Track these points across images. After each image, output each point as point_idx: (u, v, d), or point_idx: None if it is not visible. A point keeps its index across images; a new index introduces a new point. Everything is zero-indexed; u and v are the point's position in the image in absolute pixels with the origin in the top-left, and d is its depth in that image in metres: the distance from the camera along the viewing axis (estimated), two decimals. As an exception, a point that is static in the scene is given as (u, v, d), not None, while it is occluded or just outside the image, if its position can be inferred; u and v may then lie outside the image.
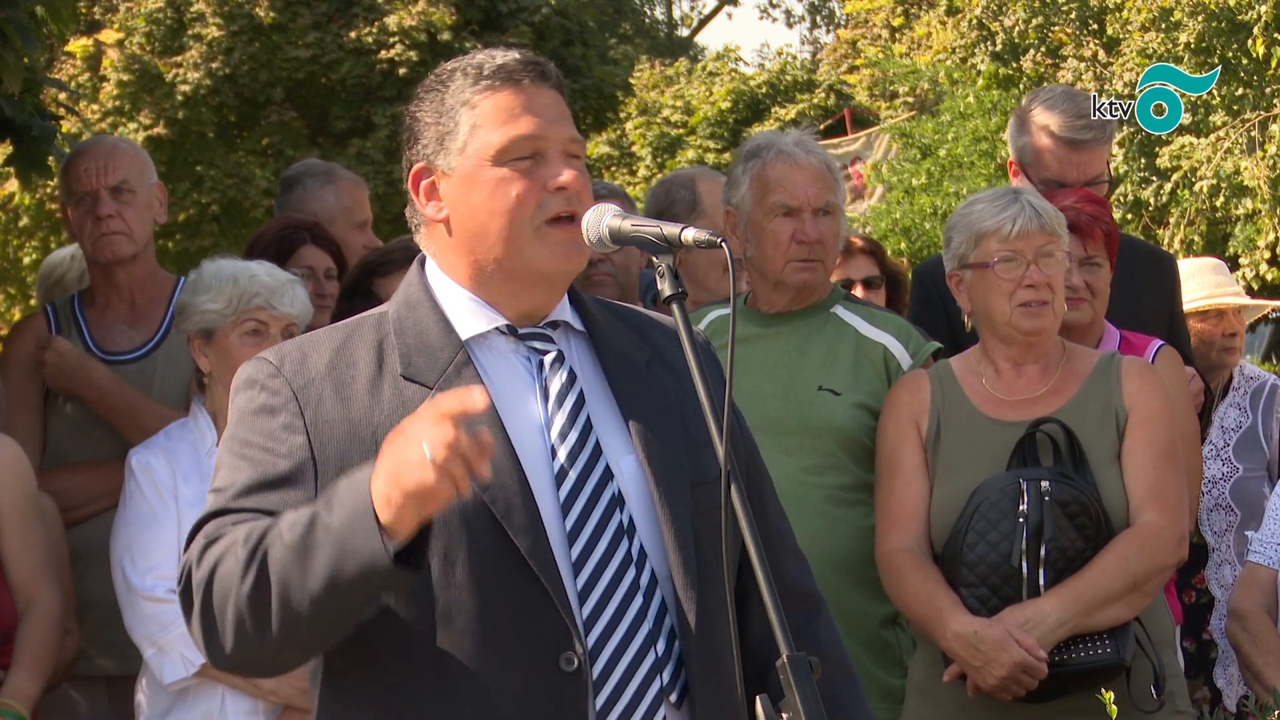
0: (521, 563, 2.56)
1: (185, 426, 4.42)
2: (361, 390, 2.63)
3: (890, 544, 4.12)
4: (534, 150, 2.67)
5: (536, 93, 2.70)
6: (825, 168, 4.43)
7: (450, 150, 2.69)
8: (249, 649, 2.51)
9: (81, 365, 4.83)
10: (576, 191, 2.66)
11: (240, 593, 2.46)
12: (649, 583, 2.63)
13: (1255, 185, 13.29)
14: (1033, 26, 15.14)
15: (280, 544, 2.44)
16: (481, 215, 2.67)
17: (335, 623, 2.49)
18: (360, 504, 2.39)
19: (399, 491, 2.34)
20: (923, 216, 15.84)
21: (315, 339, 2.72)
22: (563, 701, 2.56)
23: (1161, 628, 4.15)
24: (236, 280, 4.33)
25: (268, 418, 2.63)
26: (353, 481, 2.43)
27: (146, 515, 4.30)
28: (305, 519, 2.44)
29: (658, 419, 2.72)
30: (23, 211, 22.15)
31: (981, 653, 3.92)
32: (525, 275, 2.68)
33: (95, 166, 4.91)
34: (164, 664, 4.22)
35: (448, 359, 2.66)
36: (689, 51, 34.34)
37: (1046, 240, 4.12)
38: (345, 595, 2.43)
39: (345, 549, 2.39)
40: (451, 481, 2.32)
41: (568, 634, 2.56)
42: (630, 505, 2.66)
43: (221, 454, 2.66)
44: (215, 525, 2.57)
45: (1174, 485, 4.04)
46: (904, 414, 4.21)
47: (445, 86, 2.72)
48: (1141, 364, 4.20)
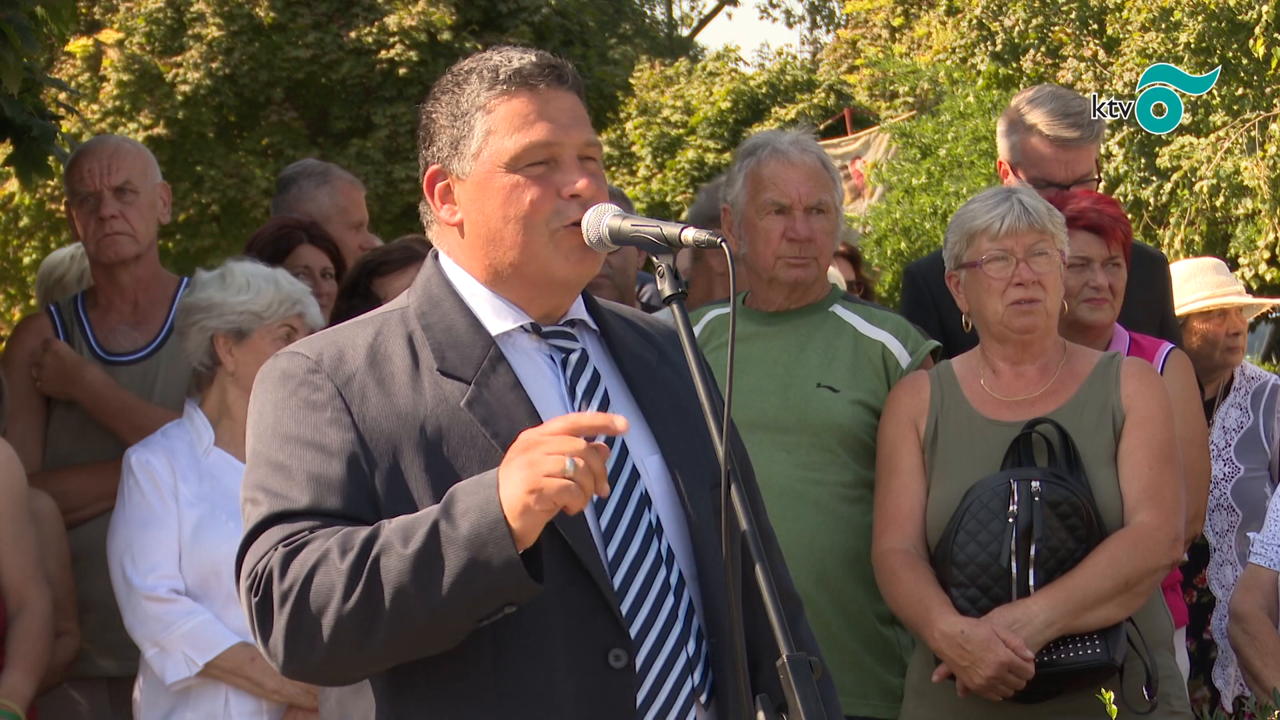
0: (571, 559, 2.56)
1: (181, 426, 4.41)
2: (403, 385, 2.63)
3: (885, 544, 4.13)
4: (548, 156, 2.66)
5: (552, 97, 2.69)
6: (821, 166, 4.44)
7: (464, 155, 2.69)
8: (339, 659, 2.48)
9: (78, 369, 4.82)
10: (591, 197, 2.66)
11: (346, 605, 2.43)
12: (678, 582, 2.65)
13: (1255, 185, 13.28)
14: (1033, 26, 15.13)
15: (394, 554, 2.42)
16: (496, 222, 2.68)
17: (450, 634, 2.48)
18: (490, 514, 2.38)
19: (538, 501, 2.35)
20: (923, 216, 15.83)
21: (346, 334, 2.71)
22: (611, 698, 2.57)
23: (1158, 628, 4.15)
24: (278, 285, 4.34)
25: (311, 413, 2.60)
26: (469, 492, 2.43)
27: (146, 514, 4.29)
28: (424, 530, 2.42)
29: (675, 419, 2.74)
30: (23, 211, 22.14)
31: (968, 652, 3.92)
32: (541, 280, 2.69)
33: (99, 166, 4.90)
34: (166, 664, 4.21)
35: (480, 354, 2.66)
36: (689, 51, 34.33)
37: (1037, 239, 4.11)
38: (472, 606, 2.42)
39: (476, 559, 2.38)
40: (584, 495, 2.35)
41: (617, 630, 2.57)
42: (657, 505, 2.67)
43: (262, 451, 2.61)
44: (285, 531, 2.52)
45: (1170, 486, 4.03)
46: (903, 415, 4.22)
47: (461, 89, 2.71)
48: (1141, 365, 4.19)
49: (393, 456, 2.58)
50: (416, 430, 2.59)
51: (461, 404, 2.61)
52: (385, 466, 2.57)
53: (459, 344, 2.67)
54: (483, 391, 2.62)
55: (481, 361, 2.65)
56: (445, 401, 2.61)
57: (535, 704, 2.55)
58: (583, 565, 2.56)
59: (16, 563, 4.31)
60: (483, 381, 2.63)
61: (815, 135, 4.65)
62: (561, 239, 2.65)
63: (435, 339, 2.68)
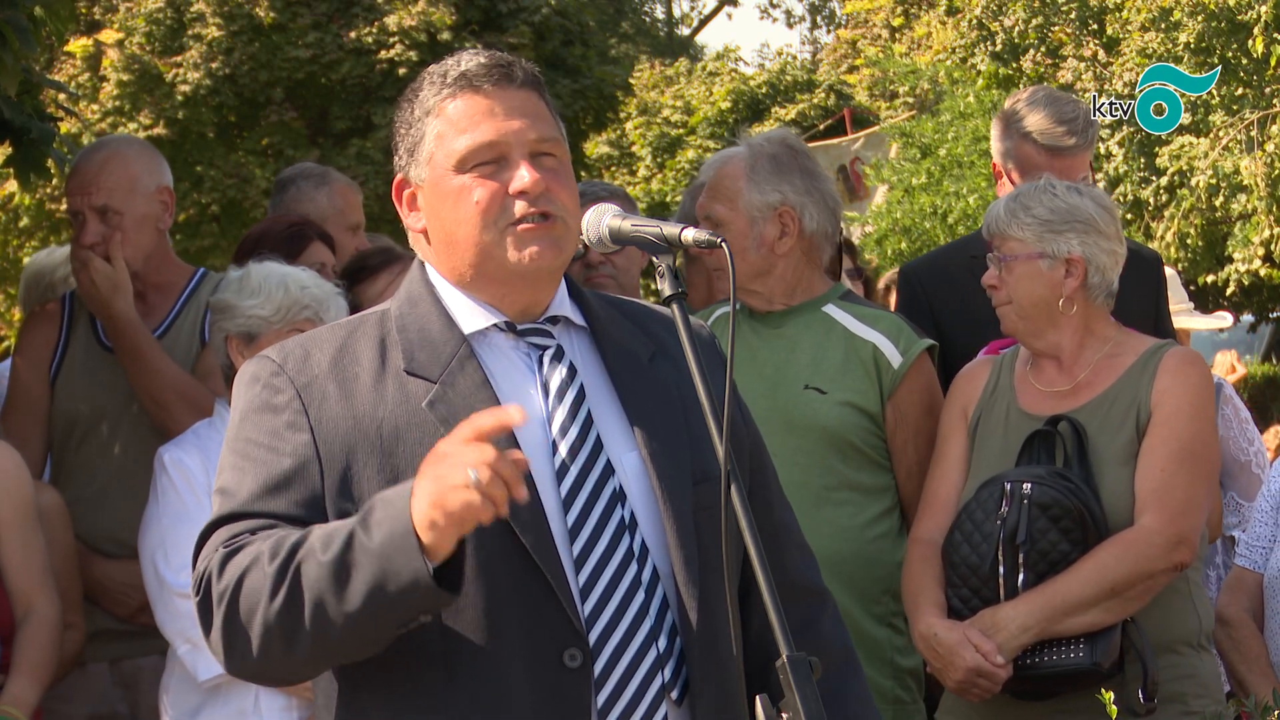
0: (526, 558, 2.57)
1: (213, 425, 4.43)
2: (365, 387, 2.64)
3: (915, 533, 4.18)
4: (496, 155, 2.66)
5: (501, 96, 2.68)
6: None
7: (420, 161, 2.72)
8: (272, 662, 2.51)
9: (112, 291, 4.79)
10: (541, 193, 2.65)
11: (270, 609, 2.45)
12: (650, 579, 2.64)
13: (1253, 183, 13.28)
14: (1033, 26, 15.13)
15: (314, 561, 2.44)
16: (450, 224, 2.69)
17: (370, 641, 2.50)
18: (401, 525, 2.39)
19: (443, 515, 2.35)
20: (923, 216, 15.85)
21: (318, 337, 2.73)
22: (566, 697, 2.56)
23: (1179, 626, 4.09)
24: (288, 289, 4.32)
25: (271, 416, 2.63)
26: (388, 502, 2.43)
27: (179, 512, 4.30)
28: (342, 538, 2.43)
29: (660, 414, 2.72)
30: (23, 211, 22.14)
31: (939, 655, 3.95)
32: (503, 276, 2.68)
33: (80, 186, 4.88)
34: (199, 660, 4.22)
35: (450, 353, 2.66)
36: (689, 51, 34.35)
37: (999, 242, 4.17)
38: (383, 615, 2.43)
39: (386, 570, 2.39)
40: (493, 504, 2.34)
41: (571, 630, 2.57)
42: (632, 501, 2.66)
43: (225, 453, 2.67)
44: (229, 533, 2.56)
45: (1182, 488, 3.98)
46: (958, 402, 4.25)
47: (416, 95, 2.73)
48: (1181, 358, 4.14)
49: (346, 459, 2.59)
50: (373, 432, 2.60)
51: (423, 404, 2.62)
52: (339, 469, 2.59)
53: (430, 344, 2.68)
54: (447, 391, 2.63)
55: (450, 361, 2.66)
56: (407, 402, 2.62)
57: (487, 702, 2.55)
58: (537, 564, 2.57)
59: (24, 568, 4.32)
60: (448, 381, 2.63)
61: (813, 136, 4.65)
62: (514, 235, 2.65)
63: (408, 339, 2.69)
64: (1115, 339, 4.20)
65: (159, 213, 4.97)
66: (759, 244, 4.41)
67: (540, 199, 2.65)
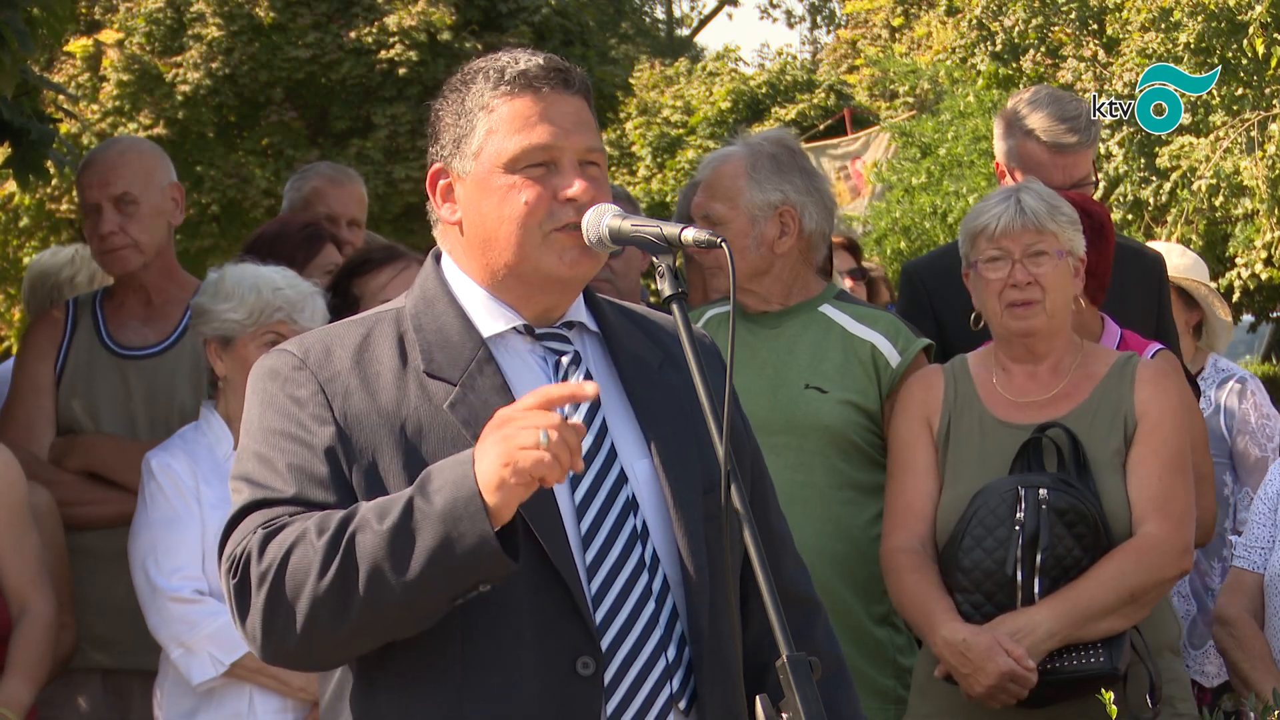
0: (543, 564, 2.57)
1: (199, 429, 4.42)
2: (388, 385, 2.64)
3: (892, 543, 4.11)
4: (547, 159, 2.67)
5: (556, 100, 2.69)
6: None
7: (466, 154, 2.71)
8: (315, 641, 2.50)
9: (76, 445, 4.85)
10: (588, 202, 2.66)
11: (321, 583, 2.45)
12: (661, 588, 2.65)
13: (1254, 185, 13.27)
14: (1033, 26, 15.11)
15: (370, 531, 2.43)
16: (492, 221, 2.68)
17: (422, 613, 2.48)
18: (465, 489, 2.39)
19: (513, 473, 2.36)
20: (922, 215, 15.83)
21: (336, 333, 2.73)
22: (577, 704, 2.57)
23: (1165, 632, 4.14)
24: (260, 292, 4.32)
25: (295, 408, 2.63)
26: (447, 468, 2.44)
27: (170, 517, 4.29)
28: (400, 506, 2.43)
29: (671, 423, 2.73)
30: (23, 211, 22.13)
31: (970, 660, 3.91)
32: (536, 279, 2.69)
33: (98, 178, 4.91)
34: (192, 664, 4.21)
35: (469, 356, 2.67)
36: (689, 51, 34.34)
37: (1035, 239, 4.07)
38: (444, 582, 2.43)
39: (450, 534, 2.39)
40: (560, 467, 2.35)
41: (586, 637, 2.58)
42: (644, 510, 2.67)
43: (247, 444, 2.66)
44: (265, 516, 2.56)
45: (1180, 496, 4.00)
46: (916, 411, 4.19)
47: (467, 87, 2.73)
48: (1157, 368, 4.15)
49: (371, 454, 2.60)
50: (397, 430, 2.61)
51: (444, 405, 2.62)
52: (364, 464, 2.59)
53: (448, 345, 2.68)
54: (467, 394, 2.63)
55: (469, 363, 2.66)
56: (429, 402, 2.63)
57: (495, 705, 2.55)
58: (556, 569, 2.56)
59: (19, 568, 4.32)
60: (468, 384, 2.64)
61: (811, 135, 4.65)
62: (555, 241, 2.66)
63: (425, 340, 2.69)
64: (1083, 348, 4.19)
65: (171, 209, 5.01)
66: (759, 243, 4.40)
67: (584, 208, 2.66)
